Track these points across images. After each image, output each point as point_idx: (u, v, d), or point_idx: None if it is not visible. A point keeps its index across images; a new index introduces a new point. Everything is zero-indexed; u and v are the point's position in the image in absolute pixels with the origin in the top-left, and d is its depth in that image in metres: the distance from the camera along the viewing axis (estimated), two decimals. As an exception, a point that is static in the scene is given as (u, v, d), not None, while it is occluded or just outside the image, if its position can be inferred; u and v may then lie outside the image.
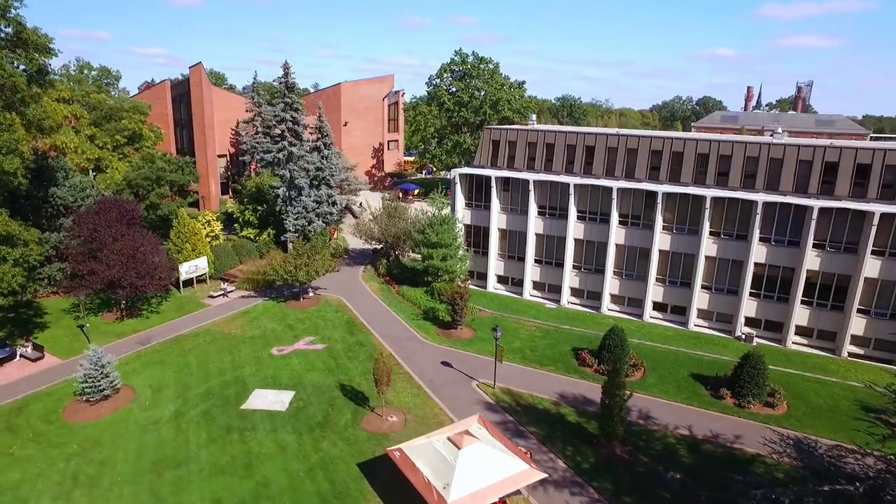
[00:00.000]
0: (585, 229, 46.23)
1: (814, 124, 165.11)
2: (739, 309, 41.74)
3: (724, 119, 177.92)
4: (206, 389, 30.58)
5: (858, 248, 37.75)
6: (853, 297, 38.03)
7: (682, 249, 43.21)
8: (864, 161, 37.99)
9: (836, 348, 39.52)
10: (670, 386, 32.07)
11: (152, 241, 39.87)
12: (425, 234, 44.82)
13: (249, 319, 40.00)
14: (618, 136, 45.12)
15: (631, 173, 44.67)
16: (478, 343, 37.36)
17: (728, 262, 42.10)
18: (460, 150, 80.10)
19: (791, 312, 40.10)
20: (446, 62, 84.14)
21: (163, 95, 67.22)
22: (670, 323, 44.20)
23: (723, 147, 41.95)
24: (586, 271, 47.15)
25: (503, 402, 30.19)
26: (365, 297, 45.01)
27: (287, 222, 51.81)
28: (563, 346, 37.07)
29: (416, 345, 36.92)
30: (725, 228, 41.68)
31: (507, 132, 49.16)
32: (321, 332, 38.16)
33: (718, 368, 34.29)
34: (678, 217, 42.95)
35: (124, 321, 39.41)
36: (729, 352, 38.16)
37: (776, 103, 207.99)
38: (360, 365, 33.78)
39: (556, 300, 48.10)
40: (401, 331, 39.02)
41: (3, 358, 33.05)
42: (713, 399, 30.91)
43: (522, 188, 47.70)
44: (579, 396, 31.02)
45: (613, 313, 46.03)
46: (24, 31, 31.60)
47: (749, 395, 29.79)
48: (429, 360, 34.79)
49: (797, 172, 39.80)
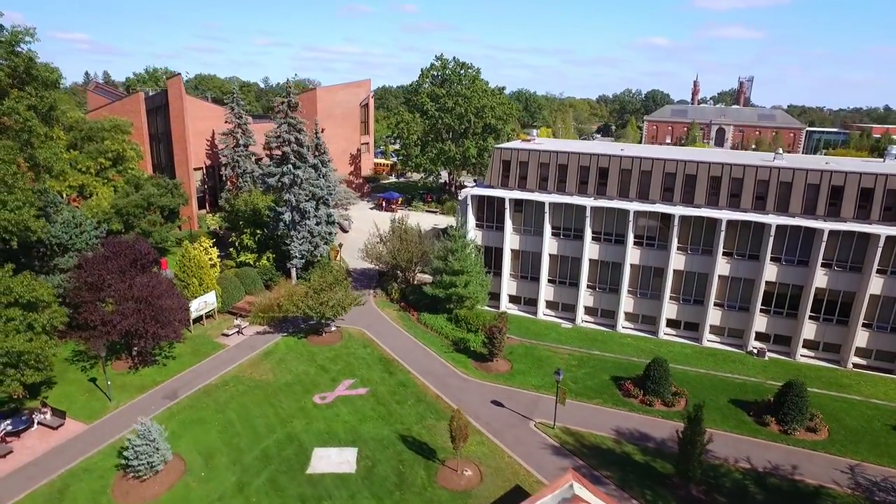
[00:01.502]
0: (601, 250, 47.00)
1: (757, 118, 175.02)
2: (751, 325, 43.82)
3: (675, 113, 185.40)
4: (261, 452, 29.04)
5: (863, 267, 40.40)
6: (858, 313, 40.74)
7: (696, 269, 44.77)
8: (868, 185, 40.47)
9: (840, 360, 42.29)
10: (716, 414, 33.33)
11: (166, 282, 37.23)
12: (447, 262, 44.18)
13: (276, 361, 38.23)
14: (632, 158, 45.92)
15: (645, 195, 45.63)
16: (517, 376, 37.41)
17: (740, 281, 44.01)
18: (444, 158, 79.31)
19: (800, 327, 42.51)
20: (426, 67, 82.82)
21: (136, 108, 62.42)
22: (684, 339, 45.86)
23: (735, 170, 43.53)
24: (601, 290, 48.03)
25: (567, 444, 30.45)
26: (387, 328, 44.00)
27: (292, 248, 49.74)
28: (602, 375, 37.71)
29: (459, 382, 36.52)
30: (738, 249, 43.47)
31: (517, 152, 48.99)
32: (357, 373, 37.03)
33: (752, 391, 35.96)
34: (692, 238, 44.40)
35: (139, 370, 36.74)
36: (751, 370, 40.05)
37: (718, 96, 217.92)
38: (411, 410, 33.07)
39: (571, 319, 48.82)
40: (437, 366, 38.46)
41: (21, 429, 30.06)
42: (758, 426, 32.41)
43: (537, 209, 47.87)
44: (635, 431, 31.73)
45: (628, 331, 47.26)
46: (34, 67, 28.43)
47: (794, 422, 31.45)
48: (478, 399, 34.52)
49: (805, 195, 41.89)
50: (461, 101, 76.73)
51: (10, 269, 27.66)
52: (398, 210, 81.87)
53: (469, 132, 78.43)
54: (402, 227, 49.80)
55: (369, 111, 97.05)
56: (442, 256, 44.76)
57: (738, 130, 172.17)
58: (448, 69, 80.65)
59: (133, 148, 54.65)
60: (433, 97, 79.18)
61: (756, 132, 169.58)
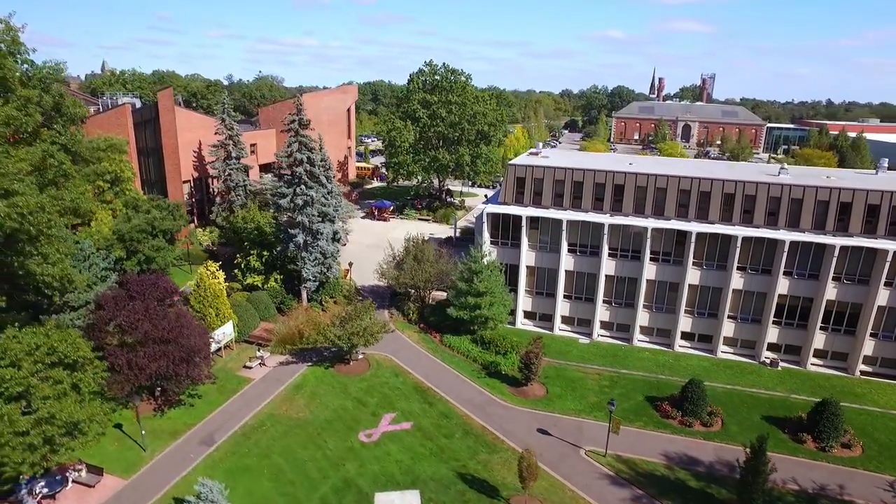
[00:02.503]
0: (617, 266, 47.65)
1: (720, 115, 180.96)
2: (763, 336, 45.46)
3: (642, 110, 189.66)
4: (320, 501, 28.18)
5: (871, 280, 42.41)
6: (866, 323, 42.81)
7: (711, 283, 46.00)
8: (874, 202, 42.38)
9: (848, 367, 44.41)
10: (752, 433, 34.24)
11: (190, 319, 35.57)
12: (471, 284, 43.87)
13: (309, 396, 37.15)
14: (647, 176, 46.61)
15: (660, 211, 46.44)
16: (556, 401, 37.63)
17: (753, 294, 45.50)
18: (437, 166, 78.66)
19: (810, 337, 44.37)
20: (414, 72, 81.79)
21: (122, 121, 59.06)
22: (698, 351, 47.14)
23: (748, 187, 44.78)
24: (617, 305, 48.78)
25: (623, 472, 30.87)
26: (412, 353, 43.42)
27: (305, 270, 48.35)
28: (636, 396, 38.36)
29: (500, 410, 36.43)
30: (752, 264, 44.88)
31: (532, 169, 48.97)
32: (397, 405, 36.41)
33: (781, 407, 37.34)
34: (707, 254, 45.56)
35: (165, 412, 35.03)
36: (769, 382, 41.59)
37: (680, 92, 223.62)
38: (461, 444, 32.79)
39: (587, 333, 49.43)
40: (474, 393, 38.25)
41: (57, 490, 28.19)
42: (795, 444, 33.68)
43: (553, 227, 48.07)
44: (683, 455, 32.45)
45: (643, 344, 48.22)
46: (62, 104, 26.44)
47: (831, 440, 32.85)
48: (523, 428, 34.54)
49: (815, 211, 43.55)
50: (455, 109, 76.12)
51: (52, 325, 25.76)
52: (389, 218, 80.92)
53: (462, 139, 77.97)
54: (418, 247, 49.08)
55: (350, 115, 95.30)
56: (466, 278, 44.41)
57: (703, 127, 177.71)
58: (438, 75, 79.84)
59: (129, 168, 51.78)
60: (424, 104, 78.28)
61: (720, 129, 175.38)
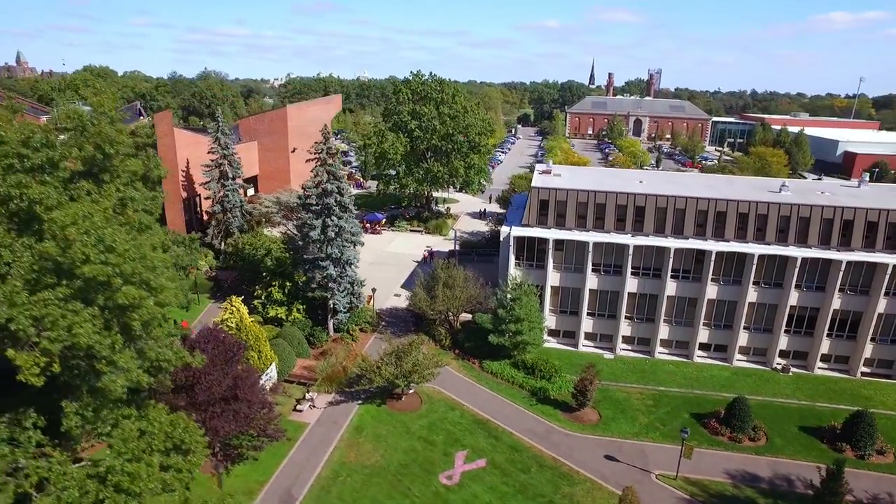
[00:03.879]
0: (639, 283, 49.81)
1: (669, 110, 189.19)
2: (775, 344, 49.03)
3: (595, 105, 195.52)
4: (427, 553, 28.43)
5: (871, 290, 46.57)
6: (867, 329, 47.05)
7: (727, 297, 48.99)
8: (873, 219, 46.43)
9: (849, 369, 48.68)
10: (796, 446, 37.41)
11: (254, 372, 34.47)
12: (512, 311, 44.69)
13: (373, 438, 36.88)
14: (666, 197, 48.81)
15: (679, 231, 48.81)
16: (611, 425, 39.24)
17: (765, 306, 48.88)
18: (431, 178, 78.55)
19: (817, 343, 48.28)
20: (398, 79, 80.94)
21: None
22: (715, 360, 50.21)
23: (760, 207, 47.82)
24: (638, 321, 51.05)
25: (697, 495, 32.85)
26: (457, 382, 43.80)
27: (335, 301, 47.56)
28: (681, 414, 40.59)
29: (563, 438, 37.62)
30: (765, 278, 48.15)
31: (555, 192, 50.11)
32: (464, 441, 36.82)
33: (811, 417, 40.59)
34: (724, 270, 48.46)
35: (230, 469, 33.90)
36: (788, 389, 45.09)
37: (626, 85, 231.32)
38: (540, 478, 33.73)
39: (610, 348, 51.50)
40: (532, 422, 39.22)
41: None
42: (835, 453, 36.81)
43: (578, 248, 49.58)
44: (744, 473, 34.82)
45: (663, 356, 50.84)
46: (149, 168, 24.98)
47: (868, 449, 36.21)
48: (591, 455, 35.92)
49: (821, 228, 47.16)
50: (448, 121, 76.16)
51: (164, 409, 24.30)
52: (381, 232, 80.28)
53: (456, 150, 78.21)
54: (447, 273, 49.26)
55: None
56: (505, 305, 45.15)
57: (653, 122, 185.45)
58: (426, 85, 79.49)
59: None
60: (415, 115, 77.84)
61: (669, 123, 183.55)
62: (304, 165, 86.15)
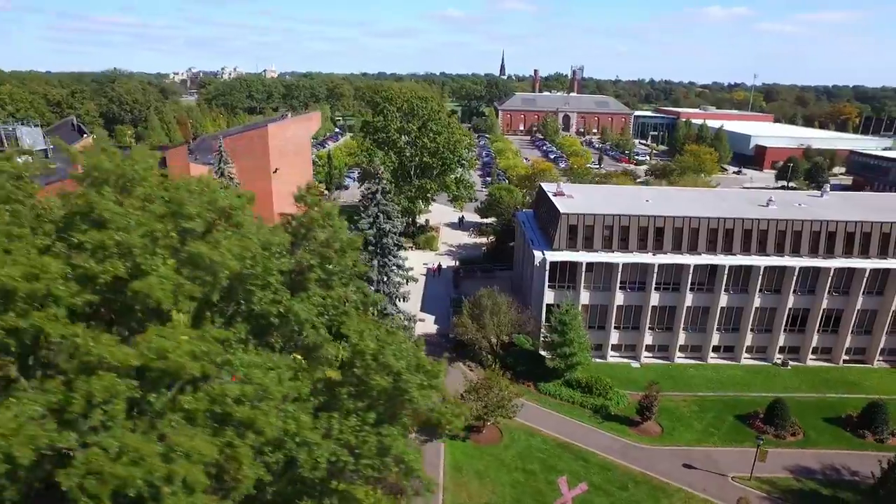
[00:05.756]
0: (660, 297, 54.77)
1: (594, 106, 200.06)
2: (775, 342, 56.05)
3: (525, 102, 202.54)
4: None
5: (850, 291, 54.54)
6: (848, 323, 55.14)
7: (735, 304, 55.15)
8: (851, 230, 54.21)
9: (832, 358, 56.77)
10: (828, 437, 43.62)
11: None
12: (565, 336, 47.73)
13: (475, 476, 38.31)
14: (683, 218, 53.87)
15: (694, 247, 54.10)
16: (674, 434, 43.51)
17: (767, 310, 55.62)
18: (423, 195, 79.53)
19: (809, 338, 55.82)
20: (380, 98, 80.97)
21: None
22: (725, 360, 56.52)
23: (762, 224, 54.14)
24: (659, 330, 56.15)
25: (772, 492, 37.71)
26: (524, 407, 46.22)
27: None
28: (727, 417, 45.70)
29: (640, 452, 41.29)
30: (767, 286, 54.75)
31: (583, 217, 53.61)
32: (557, 466, 39.25)
33: (828, 409, 46.94)
34: (734, 280, 54.51)
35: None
36: (793, 382, 51.91)
37: (549, 81, 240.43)
38: (639, 494, 36.99)
39: (634, 357, 56.31)
40: (607, 440, 42.56)
41: None
42: (860, 440, 43.42)
43: (606, 269, 53.61)
44: (800, 467, 39.99)
45: (681, 360, 56.43)
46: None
47: (885, 433, 43.17)
48: (670, 466, 39.88)
49: (811, 240, 54.29)
50: (439, 140, 77.40)
51: None
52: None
53: (447, 166, 79.73)
54: (492, 300, 51.29)
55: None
56: (559, 330, 48.11)
57: (580, 117, 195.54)
58: (412, 101, 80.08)
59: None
60: (403, 132, 78.32)
61: (595, 118, 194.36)
62: (287, 187, 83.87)
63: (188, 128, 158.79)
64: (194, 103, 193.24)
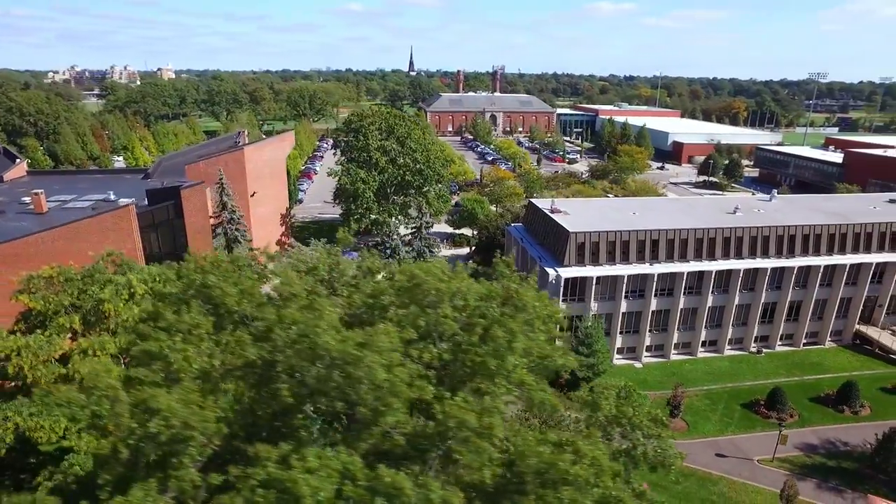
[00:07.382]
0: (658, 302, 60.73)
1: (519, 105, 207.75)
2: (750, 333, 64.08)
3: (452, 103, 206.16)
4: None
5: (807, 284, 63.60)
6: (806, 312, 64.27)
7: (719, 303, 62.37)
8: (806, 233, 63.08)
9: (793, 343, 65.91)
10: (817, 414, 51.24)
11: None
12: (591, 346, 51.98)
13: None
14: (675, 230, 59.95)
15: (684, 256, 60.52)
16: (699, 428, 49.14)
17: (743, 306, 63.39)
18: (405, 211, 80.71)
19: (777, 328, 64.42)
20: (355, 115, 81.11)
21: (124, 225, 48.06)
22: (711, 353, 63.83)
23: (738, 231, 61.50)
24: (657, 331, 62.22)
25: (791, 469, 44.18)
26: (563, 417, 49.94)
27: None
28: (734, 406, 52.15)
29: (679, 449, 46.37)
30: (744, 285, 62.41)
31: (589, 234, 58.13)
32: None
33: (810, 389, 54.81)
34: (718, 283, 61.61)
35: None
36: (770, 368, 59.78)
37: (469, 80, 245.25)
38: (690, 485, 42.17)
39: (636, 358, 62.08)
40: (646, 440, 47.35)
41: None
42: (838, 413, 51.45)
43: (611, 281, 58.62)
44: (805, 444, 46.61)
45: (676, 357, 62.95)
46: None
47: (857, 406, 51.51)
48: (704, 457, 45.29)
49: (777, 243, 62.50)
50: (419, 157, 78.90)
51: None
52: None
53: (428, 182, 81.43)
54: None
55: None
56: (586, 343, 52.24)
57: (506, 116, 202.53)
58: (390, 120, 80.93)
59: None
60: (384, 150, 79.06)
61: (520, 117, 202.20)
62: (265, 209, 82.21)
63: (104, 140, 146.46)
64: (99, 109, 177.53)
